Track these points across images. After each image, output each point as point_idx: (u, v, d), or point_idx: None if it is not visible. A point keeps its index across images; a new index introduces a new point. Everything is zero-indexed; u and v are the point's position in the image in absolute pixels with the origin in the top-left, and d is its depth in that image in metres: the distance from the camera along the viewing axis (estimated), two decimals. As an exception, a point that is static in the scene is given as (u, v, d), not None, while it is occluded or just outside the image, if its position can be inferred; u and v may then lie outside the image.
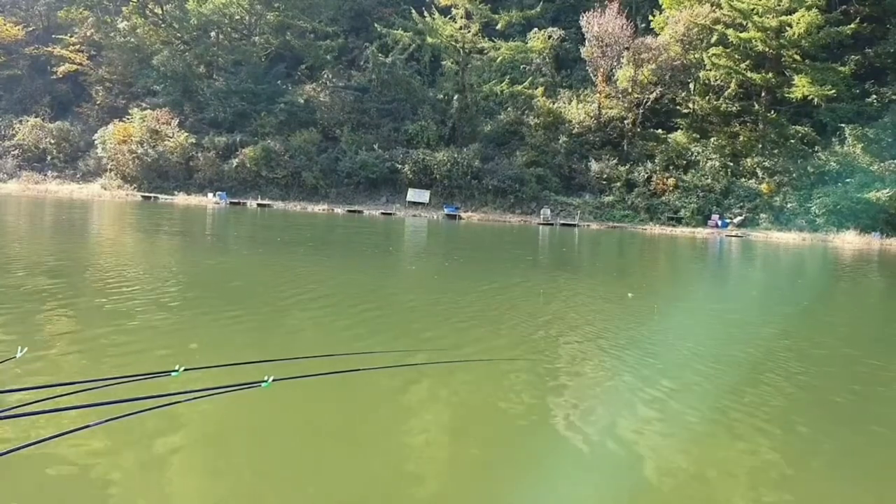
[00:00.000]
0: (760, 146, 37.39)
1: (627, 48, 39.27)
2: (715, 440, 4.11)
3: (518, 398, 4.74)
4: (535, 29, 44.79)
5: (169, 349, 5.38)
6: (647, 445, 3.89)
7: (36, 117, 48.25)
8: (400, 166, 40.41)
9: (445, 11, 43.81)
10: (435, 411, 4.45)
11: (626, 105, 40.50)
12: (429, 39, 43.78)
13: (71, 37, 51.20)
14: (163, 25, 50.85)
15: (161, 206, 33.81)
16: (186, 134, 42.75)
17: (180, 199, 39.71)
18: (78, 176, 45.36)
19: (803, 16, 34.30)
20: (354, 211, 37.77)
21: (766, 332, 7.89)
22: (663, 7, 40.40)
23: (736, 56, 37.39)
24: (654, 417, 4.35)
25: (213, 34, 50.41)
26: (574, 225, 34.59)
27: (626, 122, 40.51)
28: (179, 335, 5.98)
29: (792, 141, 37.17)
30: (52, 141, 46.81)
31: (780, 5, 35.16)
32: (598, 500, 3.35)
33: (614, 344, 6.49)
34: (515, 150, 40.82)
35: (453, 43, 43.47)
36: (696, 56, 37.91)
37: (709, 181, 36.46)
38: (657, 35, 39.89)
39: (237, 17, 50.19)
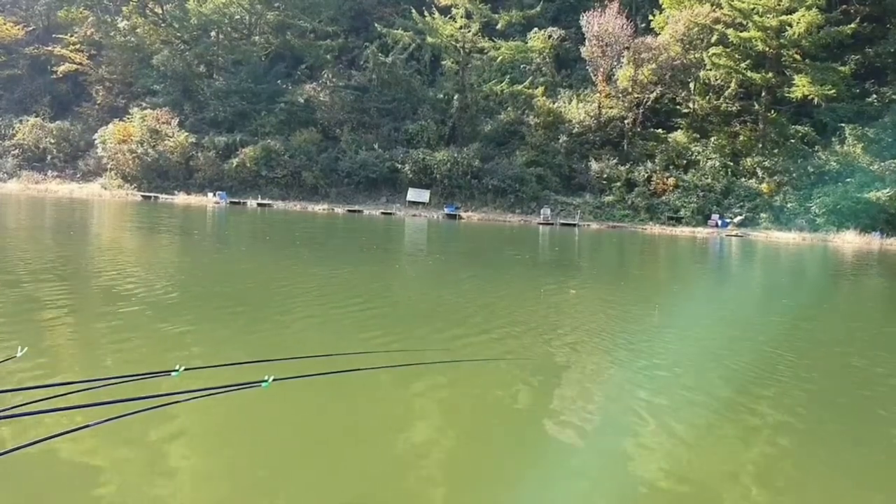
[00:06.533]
0: (760, 146, 37.37)
1: (627, 48, 39.27)
2: (714, 440, 4.11)
3: (518, 397, 4.74)
4: (535, 29, 44.78)
5: (169, 349, 5.39)
6: (647, 444, 3.89)
7: (36, 117, 48.26)
8: (400, 166, 40.40)
9: (445, 11, 43.78)
10: (434, 411, 4.45)
11: (626, 105, 40.48)
12: (429, 39, 43.77)
13: (71, 36, 51.17)
14: (163, 25, 50.85)
15: (161, 206, 33.81)
16: (186, 134, 42.74)
17: (180, 198, 39.71)
18: (78, 176, 45.36)
19: (803, 15, 34.28)
20: (354, 211, 37.77)
21: (761, 332, 7.89)
22: (663, 7, 40.38)
23: (736, 56, 37.37)
24: (654, 416, 4.35)
25: (213, 34, 50.39)
26: (574, 225, 34.57)
27: (626, 121, 40.49)
28: (179, 335, 5.98)
29: (792, 141, 37.15)
30: (52, 141, 46.82)
31: (780, 5, 35.14)
32: (598, 500, 3.35)
33: (612, 343, 6.49)
34: (515, 149, 40.80)
35: (453, 43, 43.45)
36: (696, 56, 37.89)
37: (709, 181, 36.45)
38: (657, 35, 39.87)
39: (237, 17, 50.18)
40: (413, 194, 39.66)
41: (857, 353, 6.93)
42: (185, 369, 2.93)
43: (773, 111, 37.67)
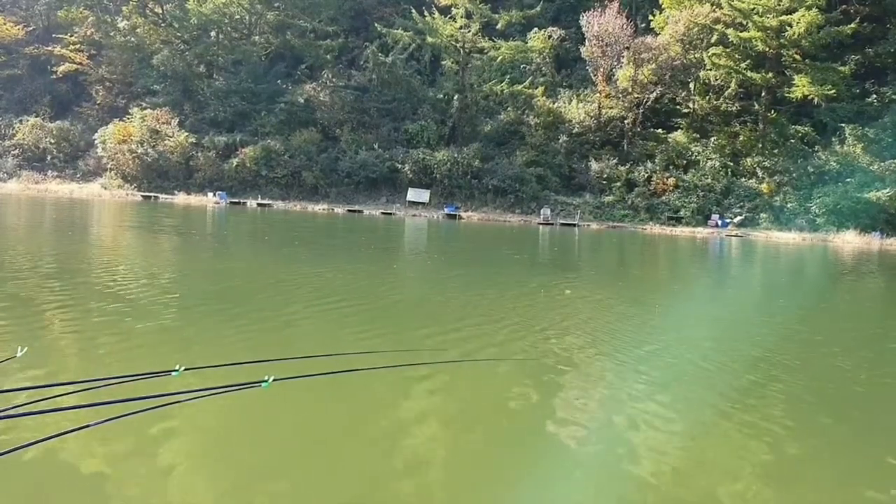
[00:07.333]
0: (760, 146, 37.37)
1: (627, 48, 39.27)
2: (714, 440, 4.11)
3: (518, 398, 4.74)
4: (535, 29, 44.78)
5: (169, 349, 5.39)
6: (647, 444, 3.89)
7: (36, 117, 48.26)
8: (400, 166, 40.41)
9: (445, 11, 43.78)
10: (434, 411, 4.45)
11: (626, 105, 40.48)
12: (429, 39, 43.77)
13: (71, 36, 51.16)
14: (163, 25, 50.85)
15: (161, 206, 33.81)
16: (186, 133, 42.74)
17: (180, 198, 39.72)
18: (78, 176, 45.36)
19: (803, 15, 34.28)
20: (354, 211, 37.78)
21: (755, 332, 7.90)
22: (663, 7, 40.38)
23: (736, 56, 37.38)
24: (653, 416, 4.35)
25: (213, 34, 50.40)
26: (574, 225, 34.58)
27: (626, 121, 40.49)
28: (179, 335, 5.99)
29: (792, 141, 37.16)
30: (52, 141, 46.82)
31: (780, 5, 35.14)
32: (598, 500, 3.35)
33: (611, 343, 6.49)
34: (515, 149, 40.81)
35: (453, 43, 43.46)
36: (697, 56, 37.89)
37: (709, 181, 36.45)
38: (657, 35, 39.87)
39: (237, 17, 50.18)
40: (413, 194, 39.66)
41: (844, 353, 6.92)
42: (185, 369, 2.93)
43: (773, 111, 37.67)
